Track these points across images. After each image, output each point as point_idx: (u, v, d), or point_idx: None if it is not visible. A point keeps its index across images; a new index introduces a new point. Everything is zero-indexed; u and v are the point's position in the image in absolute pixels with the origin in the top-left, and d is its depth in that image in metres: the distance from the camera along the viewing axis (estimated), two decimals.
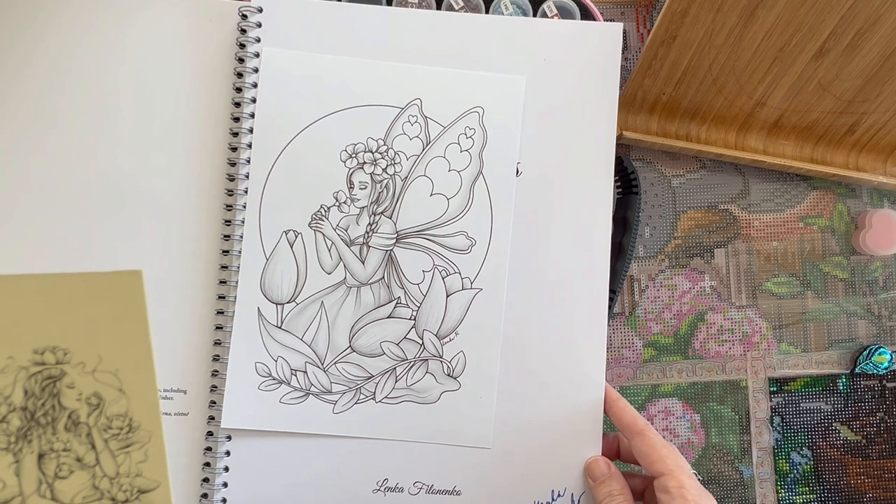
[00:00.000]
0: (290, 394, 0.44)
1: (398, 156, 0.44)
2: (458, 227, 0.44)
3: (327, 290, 0.44)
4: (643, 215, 0.53)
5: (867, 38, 0.46)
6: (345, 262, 0.44)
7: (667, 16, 0.45)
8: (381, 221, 0.44)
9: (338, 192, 0.44)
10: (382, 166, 0.44)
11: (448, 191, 0.44)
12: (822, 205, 0.54)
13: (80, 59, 0.45)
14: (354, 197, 0.44)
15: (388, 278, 0.44)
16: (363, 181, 0.44)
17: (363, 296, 0.44)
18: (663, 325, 0.53)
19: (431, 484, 0.44)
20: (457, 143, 0.44)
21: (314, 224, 0.43)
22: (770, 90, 0.49)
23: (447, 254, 0.44)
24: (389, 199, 0.44)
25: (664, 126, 0.52)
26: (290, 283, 0.43)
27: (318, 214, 0.43)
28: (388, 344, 0.44)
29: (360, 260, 0.44)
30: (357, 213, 0.44)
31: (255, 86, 0.44)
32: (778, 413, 0.53)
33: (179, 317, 0.44)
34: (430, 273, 0.44)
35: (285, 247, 0.43)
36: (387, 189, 0.44)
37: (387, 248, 0.44)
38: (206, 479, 0.44)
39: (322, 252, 0.44)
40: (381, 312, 0.44)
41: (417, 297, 0.44)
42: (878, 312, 0.54)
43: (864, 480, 0.53)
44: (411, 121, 0.44)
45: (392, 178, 0.44)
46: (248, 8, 0.44)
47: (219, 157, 0.45)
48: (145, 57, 0.45)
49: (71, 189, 0.45)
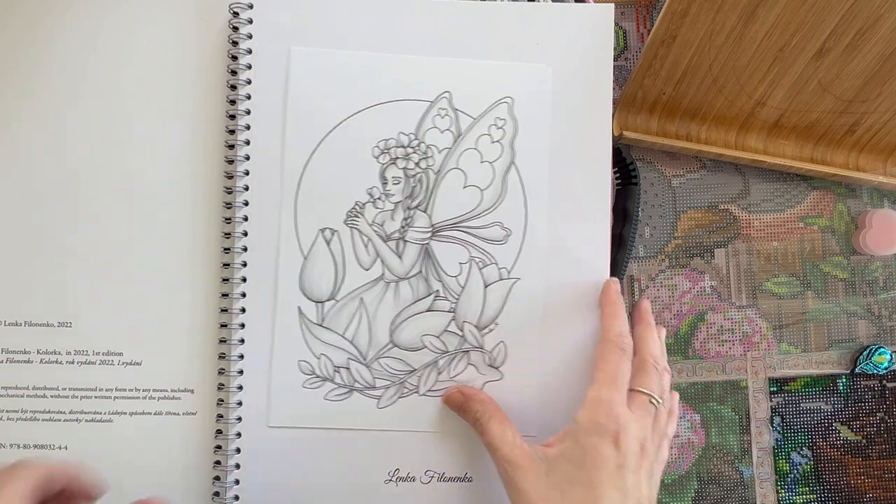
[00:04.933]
0: (334, 391, 0.44)
1: (430, 149, 0.44)
2: (493, 217, 0.44)
3: (366, 287, 0.44)
4: (643, 215, 0.53)
5: (867, 38, 0.46)
6: (382, 258, 0.44)
7: (667, 16, 0.45)
8: (416, 215, 0.44)
9: (372, 188, 0.44)
10: (415, 161, 0.44)
11: (481, 182, 0.44)
12: (822, 205, 0.54)
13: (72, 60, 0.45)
14: (388, 192, 0.44)
15: (426, 272, 0.44)
16: (396, 176, 0.44)
17: (402, 290, 0.44)
18: (663, 325, 0.53)
19: (443, 472, 0.45)
20: (488, 135, 0.44)
21: (350, 221, 0.44)
22: (770, 90, 0.49)
23: (483, 245, 0.44)
24: (423, 192, 0.44)
25: (664, 126, 0.52)
26: (328, 281, 0.44)
27: (353, 211, 0.44)
28: (428, 337, 0.44)
29: (398, 255, 0.44)
30: (392, 209, 0.44)
31: (250, 82, 0.44)
32: (778, 413, 0.53)
33: (183, 316, 0.45)
34: (466, 265, 0.44)
35: (322, 245, 0.44)
36: (420, 183, 0.44)
37: (423, 242, 0.44)
38: (217, 478, 0.44)
39: (359, 248, 0.44)
40: (421, 306, 0.44)
41: (455, 290, 0.44)
42: (879, 312, 0.54)
43: (865, 480, 0.53)
44: (441, 114, 0.44)
45: (425, 172, 0.44)
46: (238, 5, 0.44)
47: (216, 154, 0.45)
48: (135, 56, 0.45)
49: (71, 189, 0.45)
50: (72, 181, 0.45)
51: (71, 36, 0.45)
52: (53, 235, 0.45)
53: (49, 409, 0.44)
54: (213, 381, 0.44)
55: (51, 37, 0.45)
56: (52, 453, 0.44)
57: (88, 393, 0.45)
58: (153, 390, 0.44)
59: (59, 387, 0.45)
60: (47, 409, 0.44)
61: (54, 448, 0.44)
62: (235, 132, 0.44)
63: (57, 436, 0.44)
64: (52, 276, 0.45)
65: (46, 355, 0.45)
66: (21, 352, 0.45)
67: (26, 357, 0.45)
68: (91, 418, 0.44)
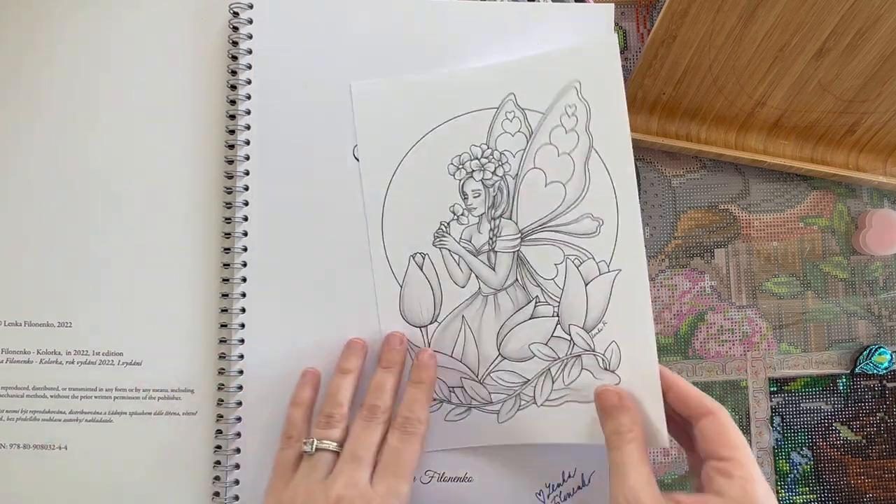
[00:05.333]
0: (452, 411, 0.44)
1: (504, 155, 0.43)
2: (582, 210, 0.42)
3: (465, 304, 0.43)
4: (643, 215, 0.53)
5: (867, 38, 0.46)
6: (476, 273, 0.43)
7: (667, 16, 0.45)
8: (503, 224, 0.43)
9: (453, 205, 0.43)
10: (491, 170, 0.43)
11: (562, 176, 0.42)
12: (822, 205, 0.54)
13: (73, 59, 0.45)
14: (471, 206, 0.43)
15: (522, 279, 0.43)
16: (476, 189, 0.43)
17: (501, 302, 0.43)
18: (663, 325, 0.53)
19: (443, 472, 0.44)
20: (560, 126, 0.42)
21: (438, 242, 0.43)
22: (770, 90, 0.49)
23: (576, 241, 0.42)
24: (505, 200, 0.43)
25: (664, 126, 0.52)
26: (428, 305, 0.43)
27: (439, 232, 0.43)
28: (536, 345, 0.42)
29: (491, 267, 0.43)
30: (477, 222, 0.43)
31: (250, 82, 0.44)
32: (778, 413, 0.53)
33: (183, 316, 0.45)
34: (562, 265, 0.42)
35: (415, 270, 0.43)
36: (500, 191, 0.43)
37: (514, 250, 0.43)
38: (217, 478, 0.44)
39: (452, 267, 0.43)
40: (523, 315, 0.43)
41: (555, 293, 0.42)
42: (878, 312, 0.54)
43: (864, 480, 0.53)
44: (509, 117, 0.43)
45: (503, 179, 0.43)
46: (238, 5, 0.44)
47: (216, 155, 0.45)
48: (135, 56, 0.45)
49: (71, 190, 0.45)
50: (72, 182, 0.45)
51: (71, 37, 0.45)
52: (54, 235, 0.45)
53: (49, 409, 0.44)
54: (213, 381, 0.44)
55: (51, 39, 0.45)
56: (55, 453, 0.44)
57: (88, 393, 0.44)
58: (153, 390, 0.44)
59: (59, 387, 0.45)
60: (47, 409, 0.44)
61: (54, 448, 0.44)
62: (235, 132, 0.44)
63: (57, 436, 0.44)
64: (52, 276, 0.45)
65: (46, 355, 0.45)
66: (21, 352, 0.45)
67: (26, 357, 0.45)
68: (91, 418, 0.44)
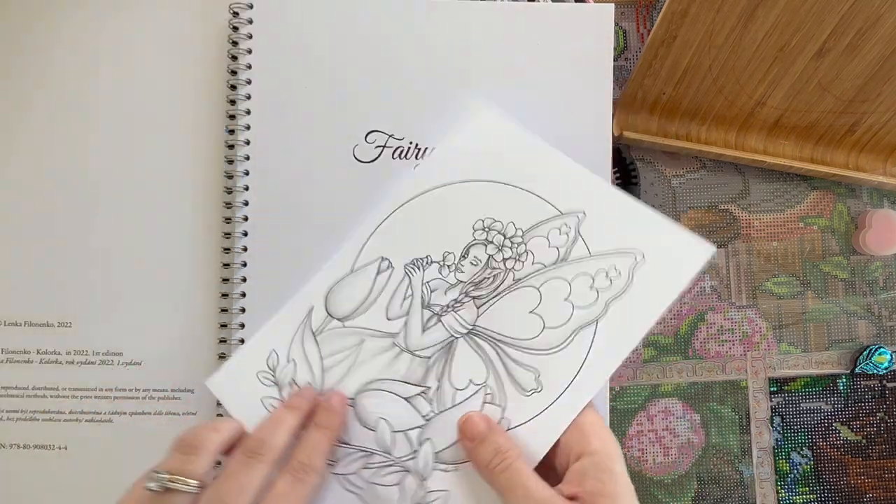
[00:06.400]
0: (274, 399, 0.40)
1: (526, 255, 0.40)
2: (535, 362, 0.38)
3: (375, 333, 0.40)
4: None
5: (867, 38, 0.46)
6: (408, 321, 0.40)
7: (667, 16, 0.45)
8: (467, 306, 0.40)
9: (449, 253, 0.41)
10: (505, 256, 0.40)
11: (551, 319, 0.38)
12: (822, 205, 0.54)
13: (73, 59, 0.45)
14: (460, 267, 0.40)
15: (433, 363, 0.39)
16: (478, 257, 0.40)
17: (399, 361, 0.39)
18: (663, 325, 0.53)
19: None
20: (591, 276, 0.39)
21: (410, 267, 0.41)
22: (770, 90, 0.49)
23: (506, 382, 0.38)
24: (490, 290, 0.40)
25: (664, 126, 0.52)
26: (351, 304, 0.41)
27: (419, 262, 0.41)
28: (384, 424, 0.38)
29: (423, 327, 0.40)
30: (452, 284, 0.40)
31: (250, 82, 0.44)
32: (778, 413, 0.53)
33: (184, 316, 0.45)
34: (475, 388, 0.38)
35: (372, 270, 0.41)
36: (494, 279, 0.40)
37: (454, 335, 0.39)
38: None
39: (397, 297, 0.41)
40: (402, 390, 0.39)
41: (446, 402, 0.38)
42: (878, 312, 0.54)
43: (865, 480, 0.53)
44: (562, 230, 0.40)
45: (505, 272, 0.40)
46: (238, 5, 0.44)
47: (216, 155, 0.45)
48: (135, 56, 0.45)
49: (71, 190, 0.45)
50: (72, 182, 0.45)
51: (71, 36, 0.45)
52: (54, 236, 0.45)
53: (49, 409, 0.44)
54: None
55: (52, 39, 0.45)
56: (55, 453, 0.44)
57: (88, 393, 0.45)
58: (153, 390, 0.44)
59: (59, 387, 0.45)
60: (47, 409, 0.44)
61: (54, 448, 0.44)
62: (235, 132, 0.44)
63: (57, 436, 0.44)
64: (52, 276, 0.45)
65: (46, 355, 0.45)
66: (21, 352, 0.45)
67: (26, 357, 0.45)
68: (91, 418, 0.44)
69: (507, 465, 0.34)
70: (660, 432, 0.53)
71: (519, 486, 0.33)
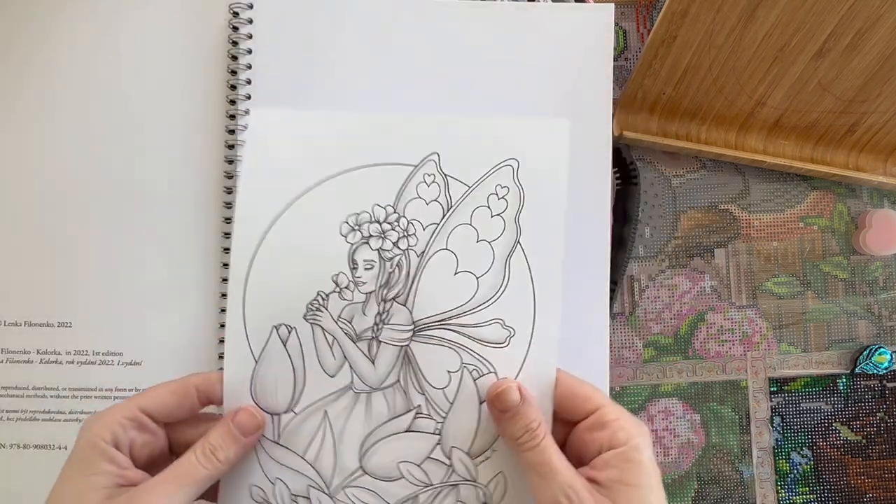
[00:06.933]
0: None
1: (412, 225, 0.36)
2: (492, 313, 0.36)
3: (331, 397, 0.36)
4: (643, 215, 0.53)
5: (867, 38, 0.46)
6: (350, 362, 0.36)
7: (667, 16, 0.45)
8: (394, 310, 0.36)
9: (338, 274, 0.36)
10: (393, 240, 0.36)
11: (477, 268, 0.36)
12: (822, 205, 0.54)
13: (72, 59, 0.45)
14: (359, 280, 0.36)
15: (405, 381, 0.36)
16: (369, 259, 0.36)
17: (375, 404, 0.36)
18: (663, 325, 0.53)
19: None
20: (486, 207, 0.36)
21: (310, 316, 0.36)
22: (770, 90, 0.49)
23: (479, 348, 0.36)
24: (403, 280, 0.36)
25: (664, 126, 0.52)
26: (286, 390, 0.36)
27: (314, 304, 0.36)
28: (407, 465, 0.36)
29: (370, 358, 0.36)
30: (363, 301, 0.36)
31: (250, 82, 0.44)
32: (778, 413, 0.53)
33: (183, 316, 0.45)
34: (457, 374, 0.36)
35: (277, 345, 0.36)
36: (399, 268, 0.36)
37: (402, 344, 0.36)
38: None
39: (322, 350, 0.36)
40: (398, 425, 0.36)
41: (443, 406, 0.36)
42: (879, 312, 0.54)
43: (865, 480, 0.53)
44: (427, 181, 0.37)
45: (405, 254, 0.36)
46: (238, 5, 0.44)
47: (216, 155, 0.45)
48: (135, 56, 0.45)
49: (71, 190, 0.45)
50: (72, 182, 0.45)
51: (70, 37, 0.45)
52: (53, 235, 0.45)
53: (49, 409, 0.44)
54: None
55: (52, 39, 0.45)
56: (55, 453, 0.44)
57: (88, 393, 0.45)
58: None
59: (59, 387, 0.45)
60: (47, 409, 0.44)
61: (54, 448, 0.44)
62: (235, 132, 0.44)
63: (57, 436, 0.44)
64: (52, 276, 0.45)
65: (46, 355, 0.45)
66: (21, 352, 0.45)
67: (26, 357, 0.45)
68: None
69: (536, 443, 0.33)
70: (660, 432, 0.53)
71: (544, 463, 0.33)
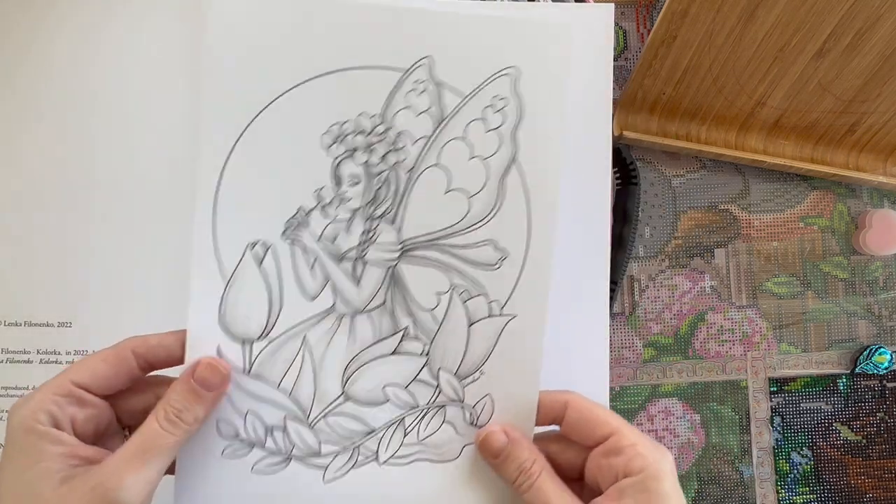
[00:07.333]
0: (264, 459, 0.35)
1: (401, 138, 0.34)
2: (484, 234, 0.34)
3: (311, 322, 0.34)
4: (643, 215, 0.53)
5: (867, 38, 0.46)
6: (333, 284, 0.34)
7: (667, 16, 0.45)
8: (381, 228, 0.34)
9: (321, 189, 0.34)
10: (381, 153, 0.34)
11: (470, 185, 0.34)
12: (823, 205, 0.54)
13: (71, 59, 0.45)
14: (343, 195, 0.34)
15: (392, 303, 0.35)
16: (354, 174, 0.34)
17: (359, 327, 0.35)
18: (663, 325, 0.53)
19: None
20: (481, 120, 0.34)
21: (291, 234, 0.34)
22: (770, 90, 0.49)
23: (469, 270, 0.34)
24: (391, 197, 0.34)
25: (664, 126, 0.52)
26: (259, 315, 0.34)
27: (294, 221, 0.34)
28: (393, 388, 0.35)
29: (354, 280, 0.34)
30: (348, 218, 0.34)
31: None
32: (778, 413, 0.53)
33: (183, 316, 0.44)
34: (446, 296, 0.35)
35: (251, 265, 0.34)
36: (387, 184, 0.34)
37: (389, 264, 0.35)
38: None
39: (302, 271, 0.34)
40: (384, 348, 0.35)
41: (430, 328, 0.35)
42: (879, 312, 0.54)
43: (865, 480, 0.53)
44: (418, 88, 0.34)
45: (394, 170, 0.34)
46: None
47: None
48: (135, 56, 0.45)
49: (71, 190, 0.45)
50: (72, 182, 0.45)
51: (69, 37, 0.45)
52: (53, 235, 0.45)
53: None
54: None
55: (52, 39, 0.45)
56: None
57: None
58: None
59: None
60: None
61: None
62: None
63: None
64: (52, 276, 0.45)
65: (46, 355, 0.45)
66: (21, 352, 0.45)
67: (26, 357, 0.45)
68: None
69: (531, 483, 0.33)
70: (660, 432, 0.53)
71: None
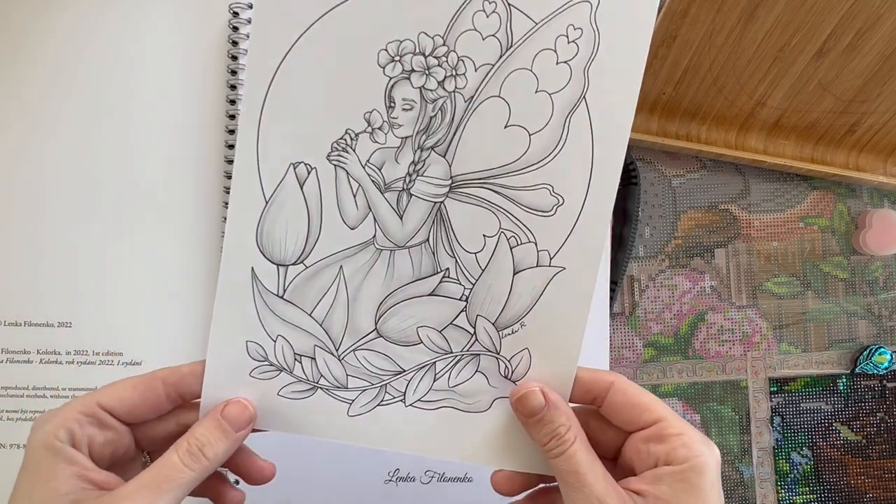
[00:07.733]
0: (291, 385, 0.34)
1: (463, 63, 0.31)
2: (542, 176, 0.32)
3: (349, 252, 0.33)
4: (643, 215, 0.53)
5: (867, 38, 0.46)
6: (375, 214, 0.32)
7: (667, 16, 0.45)
8: (431, 160, 0.32)
9: (371, 112, 0.31)
10: (439, 78, 0.31)
11: (532, 122, 0.31)
12: (823, 205, 0.54)
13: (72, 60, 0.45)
14: (395, 121, 0.32)
15: (435, 242, 0.33)
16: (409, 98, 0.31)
17: (398, 263, 0.33)
18: (663, 325, 0.53)
19: (443, 472, 0.44)
20: (552, 50, 0.31)
21: (335, 157, 0.32)
22: (770, 90, 0.49)
23: (521, 214, 0.32)
24: (445, 127, 0.32)
25: (664, 126, 0.52)
26: (297, 238, 0.32)
27: (341, 143, 0.32)
28: (427, 330, 0.33)
29: (398, 213, 0.32)
30: (397, 146, 0.32)
31: None
32: (778, 413, 0.53)
33: (184, 316, 0.45)
34: (493, 239, 0.32)
35: (293, 186, 0.32)
36: (442, 113, 0.31)
37: (436, 199, 0.32)
38: None
39: (345, 197, 0.32)
40: (422, 287, 0.33)
41: (473, 271, 0.33)
42: (879, 312, 0.54)
43: (865, 480, 0.53)
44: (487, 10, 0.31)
45: (451, 97, 0.31)
46: (238, 5, 0.44)
47: (216, 155, 0.45)
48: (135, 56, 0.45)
49: (71, 190, 0.45)
50: (72, 182, 0.45)
51: (71, 38, 0.45)
52: (54, 236, 0.45)
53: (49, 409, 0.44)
54: None
55: (51, 39, 0.45)
56: None
57: None
58: None
59: (59, 387, 0.45)
60: (47, 409, 0.44)
61: None
62: (235, 132, 0.44)
63: None
64: (52, 276, 0.45)
65: (46, 355, 0.45)
66: (21, 352, 0.45)
67: (26, 357, 0.45)
68: None
69: (563, 451, 0.32)
70: None
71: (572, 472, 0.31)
